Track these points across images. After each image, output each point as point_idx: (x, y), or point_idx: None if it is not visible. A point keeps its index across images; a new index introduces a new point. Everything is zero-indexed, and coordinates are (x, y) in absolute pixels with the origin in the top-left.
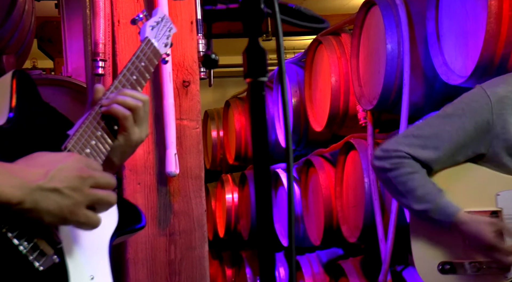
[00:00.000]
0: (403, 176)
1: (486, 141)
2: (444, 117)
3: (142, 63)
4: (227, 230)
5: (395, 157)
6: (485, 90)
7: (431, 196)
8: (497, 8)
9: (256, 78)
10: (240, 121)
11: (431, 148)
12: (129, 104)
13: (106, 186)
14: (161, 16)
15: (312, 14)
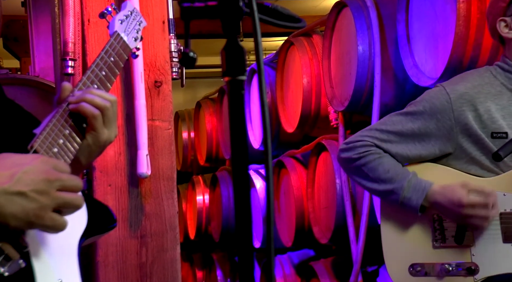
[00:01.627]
0: (372, 162)
1: (451, 138)
2: (406, 115)
3: (111, 58)
4: (198, 232)
5: (360, 146)
6: (444, 88)
7: (403, 175)
8: (466, 11)
9: (235, 76)
10: (212, 122)
11: (395, 142)
12: (97, 103)
13: (73, 189)
14: (131, 9)
15: (288, 13)
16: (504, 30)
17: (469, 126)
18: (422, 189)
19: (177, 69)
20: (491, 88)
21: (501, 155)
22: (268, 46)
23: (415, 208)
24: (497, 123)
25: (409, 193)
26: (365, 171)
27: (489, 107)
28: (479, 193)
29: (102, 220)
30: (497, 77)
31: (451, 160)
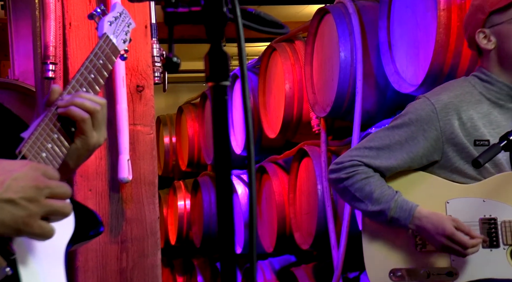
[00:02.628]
0: (359, 182)
1: (438, 147)
2: (393, 129)
3: (100, 61)
4: (178, 237)
5: (349, 166)
6: (429, 99)
7: (389, 196)
8: (446, 19)
9: (218, 82)
10: (193, 127)
11: (384, 158)
12: (87, 107)
13: (62, 196)
14: (120, 11)
15: (272, 19)
16: (483, 42)
17: (455, 135)
18: (408, 209)
19: (159, 74)
20: (471, 97)
21: (480, 161)
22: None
23: (405, 227)
24: (480, 131)
25: (396, 213)
26: (352, 191)
27: (472, 115)
28: (465, 232)
29: (89, 226)
30: (475, 87)
31: (437, 169)
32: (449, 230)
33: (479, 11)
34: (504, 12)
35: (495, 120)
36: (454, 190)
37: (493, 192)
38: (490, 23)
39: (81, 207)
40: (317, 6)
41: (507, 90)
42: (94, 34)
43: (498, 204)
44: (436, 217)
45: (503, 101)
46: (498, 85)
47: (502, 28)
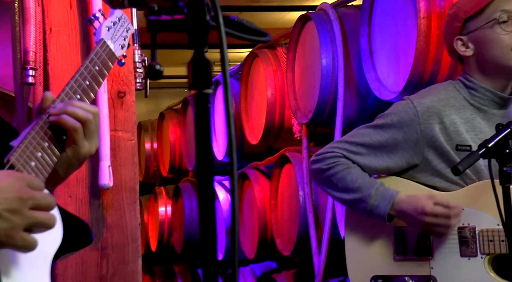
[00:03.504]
0: (340, 172)
1: (418, 151)
2: (375, 128)
3: (96, 67)
4: (159, 243)
5: (329, 157)
6: (412, 102)
7: (370, 184)
8: (426, 27)
9: (201, 90)
10: (175, 133)
11: (363, 154)
12: (79, 116)
13: (46, 207)
14: (119, 15)
15: (254, 27)
16: (461, 49)
17: (435, 139)
18: (389, 197)
19: (141, 79)
20: (456, 102)
21: (459, 168)
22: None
23: (383, 215)
24: (462, 136)
25: (377, 200)
26: (334, 181)
27: (455, 120)
28: (444, 205)
29: (77, 237)
30: (460, 92)
31: (417, 172)
32: (429, 207)
33: (454, 19)
34: (477, 18)
35: (478, 126)
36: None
37: (472, 201)
38: (466, 30)
39: (70, 216)
40: (299, 13)
41: (491, 96)
42: (75, 40)
43: (477, 213)
44: (415, 198)
45: (486, 107)
46: (482, 91)
47: (478, 34)
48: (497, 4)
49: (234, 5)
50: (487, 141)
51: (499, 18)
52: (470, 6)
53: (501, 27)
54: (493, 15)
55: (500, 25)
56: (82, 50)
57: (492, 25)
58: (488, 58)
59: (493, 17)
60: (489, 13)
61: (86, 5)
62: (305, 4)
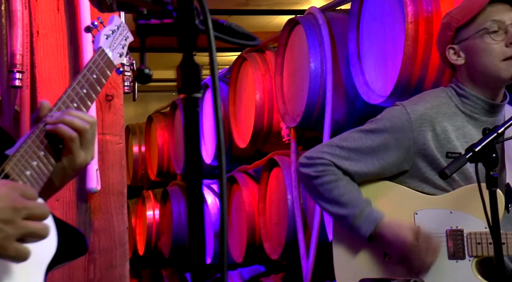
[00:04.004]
0: (328, 184)
1: (409, 157)
2: (367, 133)
3: (93, 75)
4: (147, 247)
5: (319, 164)
6: (405, 108)
7: (357, 202)
8: (414, 32)
9: (190, 94)
10: (163, 136)
11: (354, 160)
12: (76, 125)
13: (40, 217)
14: (118, 24)
15: (243, 31)
16: (453, 57)
17: (426, 147)
18: (373, 220)
19: (129, 83)
20: (447, 109)
21: (447, 172)
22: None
23: (364, 237)
24: (452, 144)
25: (360, 222)
26: (321, 190)
27: (446, 127)
28: (425, 239)
29: (72, 247)
30: (452, 99)
31: (406, 178)
32: (409, 241)
33: (447, 28)
34: (468, 27)
35: (469, 133)
36: (422, 201)
37: (460, 204)
38: (458, 39)
39: (65, 225)
40: (288, 17)
41: (482, 104)
42: (63, 43)
43: (465, 216)
44: (398, 227)
45: (477, 115)
46: (473, 99)
47: (468, 43)
48: (488, 14)
49: (223, 9)
50: (474, 145)
51: (489, 27)
52: (462, 15)
53: (491, 37)
54: (484, 25)
55: (490, 34)
56: (70, 53)
57: (482, 34)
58: (478, 68)
59: (484, 26)
60: (480, 22)
61: (73, 8)
62: (293, 8)
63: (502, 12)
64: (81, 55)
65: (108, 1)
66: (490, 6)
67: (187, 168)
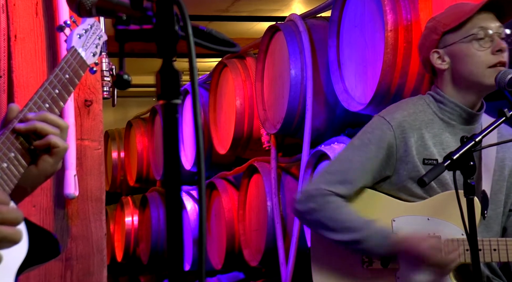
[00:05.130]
0: (332, 213)
1: (391, 164)
2: (353, 150)
3: (66, 75)
4: (125, 254)
5: (318, 196)
6: (384, 118)
7: (363, 224)
8: (394, 40)
9: (169, 100)
10: (143, 142)
11: (348, 181)
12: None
13: (13, 222)
14: (91, 23)
15: (223, 37)
16: (437, 62)
17: (408, 153)
18: (384, 236)
19: (108, 88)
20: (424, 116)
21: (425, 180)
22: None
23: (381, 255)
24: (429, 150)
25: (372, 241)
26: (325, 221)
27: (423, 134)
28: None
29: (44, 250)
30: (429, 106)
31: (387, 184)
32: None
33: (432, 32)
34: (456, 32)
35: (446, 140)
36: (400, 208)
37: (437, 210)
38: (444, 44)
39: (36, 228)
40: (268, 23)
41: (459, 111)
42: (41, 47)
43: (442, 222)
44: (416, 242)
45: (455, 122)
46: (451, 106)
47: (454, 48)
48: (476, 20)
49: (203, 15)
50: (452, 153)
51: (477, 34)
52: (450, 20)
53: (478, 44)
54: (471, 31)
55: (477, 41)
56: (48, 58)
57: (470, 40)
58: (462, 73)
59: (471, 32)
60: (468, 28)
61: (52, 12)
62: (274, 15)
63: (488, 20)
64: (59, 59)
65: (87, 6)
66: (477, 13)
67: (166, 175)
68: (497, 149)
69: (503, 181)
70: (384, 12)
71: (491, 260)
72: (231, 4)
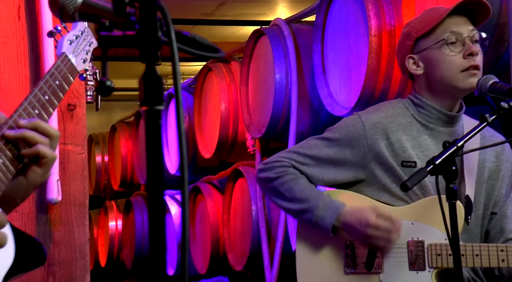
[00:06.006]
0: (288, 182)
1: (364, 165)
2: (324, 140)
3: (56, 81)
4: (109, 259)
5: (278, 166)
6: (360, 117)
7: (317, 195)
8: (377, 45)
9: (152, 106)
10: (127, 146)
11: (311, 166)
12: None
13: None
14: (82, 29)
15: (207, 43)
16: (412, 67)
17: (381, 154)
18: (335, 208)
19: (92, 92)
20: (403, 119)
21: (408, 185)
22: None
23: (328, 227)
24: (407, 153)
25: (323, 211)
26: (281, 190)
27: (400, 137)
28: (386, 218)
29: (30, 257)
30: (408, 109)
31: (363, 186)
32: (372, 220)
33: (407, 38)
34: (428, 37)
35: (424, 143)
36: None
37: (422, 215)
38: (418, 49)
39: (22, 235)
40: (253, 27)
41: (437, 114)
42: (24, 51)
43: (426, 227)
44: (359, 210)
45: (433, 125)
46: (429, 109)
47: (427, 53)
48: (446, 25)
49: (188, 19)
50: (435, 158)
51: (448, 39)
52: (422, 26)
53: (449, 48)
54: (442, 36)
55: (448, 46)
56: (31, 61)
57: (441, 45)
58: (437, 78)
59: (442, 37)
60: (439, 33)
61: (35, 16)
62: (259, 19)
63: (460, 24)
64: (42, 64)
65: (70, 11)
66: (449, 18)
67: (148, 181)
68: (479, 151)
69: (483, 183)
70: (368, 17)
71: (473, 266)
72: (216, 8)
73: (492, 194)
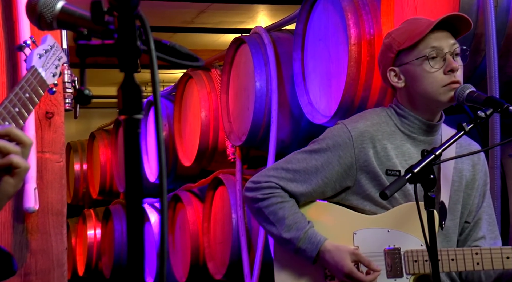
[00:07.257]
0: (274, 205)
1: (351, 174)
2: (311, 153)
3: (26, 94)
4: (87, 268)
5: (266, 188)
6: (346, 126)
7: (300, 225)
8: (357, 54)
9: (131, 115)
10: (106, 154)
11: (300, 181)
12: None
13: None
14: (51, 44)
15: (186, 51)
16: (394, 79)
17: (368, 163)
18: (316, 243)
19: (70, 100)
20: (387, 128)
21: (387, 193)
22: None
23: (309, 260)
24: (392, 161)
25: (304, 245)
26: (266, 213)
27: (386, 145)
28: (365, 265)
29: None
30: (391, 118)
31: (349, 195)
32: (347, 268)
33: (388, 50)
34: (410, 52)
35: (407, 152)
36: (361, 221)
37: (397, 222)
38: (399, 62)
39: None
40: (233, 35)
41: (419, 124)
42: (0, 59)
43: (402, 234)
44: (338, 253)
45: (415, 134)
46: (411, 119)
47: (409, 67)
48: (429, 40)
49: (168, 26)
50: (413, 166)
51: (429, 54)
52: (404, 38)
53: (430, 64)
54: (423, 52)
55: (429, 61)
56: (8, 69)
57: (422, 61)
58: (418, 92)
59: (423, 53)
60: (421, 49)
61: (12, 23)
62: (239, 27)
63: (441, 39)
64: (19, 72)
65: (48, 19)
66: (430, 32)
67: (127, 189)
68: (456, 160)
69: (460, 191)
70: (347, 26)
71: (450, 270)
72: (196, 16)
73: (467, 203)
